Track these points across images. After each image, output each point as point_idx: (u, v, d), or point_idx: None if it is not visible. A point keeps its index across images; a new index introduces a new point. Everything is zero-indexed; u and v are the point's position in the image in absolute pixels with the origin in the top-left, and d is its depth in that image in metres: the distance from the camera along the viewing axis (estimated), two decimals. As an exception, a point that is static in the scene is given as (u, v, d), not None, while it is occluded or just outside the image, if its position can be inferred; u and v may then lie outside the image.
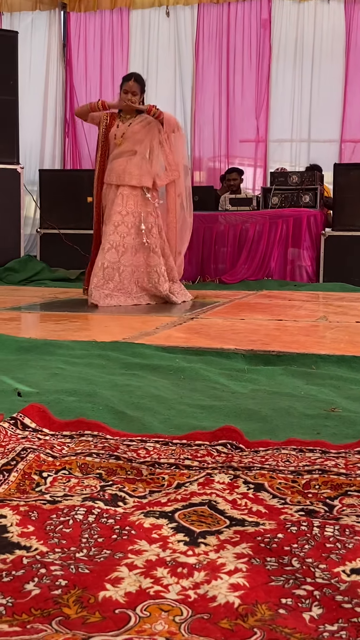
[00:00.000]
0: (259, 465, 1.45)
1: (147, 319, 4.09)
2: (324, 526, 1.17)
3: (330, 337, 3.45)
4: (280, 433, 1.78)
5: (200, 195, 7.35)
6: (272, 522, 1.19)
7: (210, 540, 1.11)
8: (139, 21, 9.44)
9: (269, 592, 0.95)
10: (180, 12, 9.30)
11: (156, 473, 1.43)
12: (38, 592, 0.94)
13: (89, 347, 2.93)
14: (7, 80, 6.83)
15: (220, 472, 1.42)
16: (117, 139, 4.95)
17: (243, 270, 6.99)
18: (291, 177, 7.19)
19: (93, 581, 0.97)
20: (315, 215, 6.99)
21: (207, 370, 2.53)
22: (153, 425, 1.84)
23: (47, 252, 7.42)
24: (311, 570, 1.02)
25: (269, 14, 8.99)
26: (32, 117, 9.52)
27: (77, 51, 9.73)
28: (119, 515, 1.21)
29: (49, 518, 1.19)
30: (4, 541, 1.10)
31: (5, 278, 6.65)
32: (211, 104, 9.23)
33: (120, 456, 1.51)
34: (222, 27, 9.14)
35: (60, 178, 7.85)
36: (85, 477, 1.40)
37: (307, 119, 8.99)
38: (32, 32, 9.58)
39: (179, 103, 9.34)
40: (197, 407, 2.04)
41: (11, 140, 6.91)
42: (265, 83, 9.04)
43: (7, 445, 1.55)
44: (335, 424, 1.87)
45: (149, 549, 1.08)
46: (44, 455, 1.50)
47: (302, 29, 8.92)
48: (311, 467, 1.43)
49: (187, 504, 1.26)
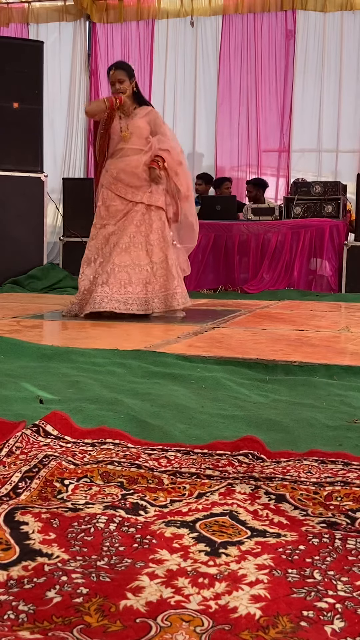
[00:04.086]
0: (281, 476, 1.44)
1: (168, 328, 4.10)
2: (346, 539, 1.16)
3: (352, 348, 3.43)
4: (301, 444, 1.77)
5: (222, 205, 7.37)
6: (294, 534, 1.18)
7: (232, 550, 1.11)
8: (164, 32, 9.50)
9: (291, 604, 0.95)
10: (205, 23, 9.34)
11: (177, 482, 1.43)
12: (59, 599, 0.94)
13: (111, 355, 2.94)
14: (33, 90, 6.89)
15: (241, 482, 1.41)
16: (123, 132, 4.61)
17: (265, 280, 6.98)
18: (314, 187, 7.18)
19: (114, 590, 0.97)
20: (338, 226, 6.97)
21: (228, 380, 2.52)
22: (174, 434, 1.84)
23: (70, 260, 7.45)
24: (333, 582, 1.01)
25: (294, 25, 9.00)
26: (59, 126, 9.62)
27: (102, 61, 9.80)
28: (140, 524, 1.21)
29: (71, 526, 1.19)
30: (26, 548, 1.10)
31: (28, 285, 6.69)
32: (235, 113, 9.25)
33: (142, 465, 1.51)
34: (246, 38, 9.16)
35: (84, 186, 7.89)
36: (106, 485, 1.41)
37: (332, 129, 8.97)
38: (60, 42, 9.70)
39: (202, 113, 9.37)
40: (219, 417, 2.03)
41: (35, 149, 6.97)
42: (289, 93, 9.04)
43: (29, 453, 1.56)
44: (357, 435, 1.85)
45: (170, 559, 1.08)
46: (65, 462, 1.50)
47: (326, 39, 8.92)
48: (333, 478, 1.43)
49: (208, 514, 1.25)
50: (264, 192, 8.21)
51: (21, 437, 1.64)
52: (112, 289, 4.42)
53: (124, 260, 4.51)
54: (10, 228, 6.82)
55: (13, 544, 1.11)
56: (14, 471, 1.43)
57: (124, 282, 4.47)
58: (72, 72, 9.81)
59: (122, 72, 4.69)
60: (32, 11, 9.76)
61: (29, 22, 9.77)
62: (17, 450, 1.58)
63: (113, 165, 4.66)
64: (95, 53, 9.84)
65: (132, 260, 4.52)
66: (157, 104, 9.38)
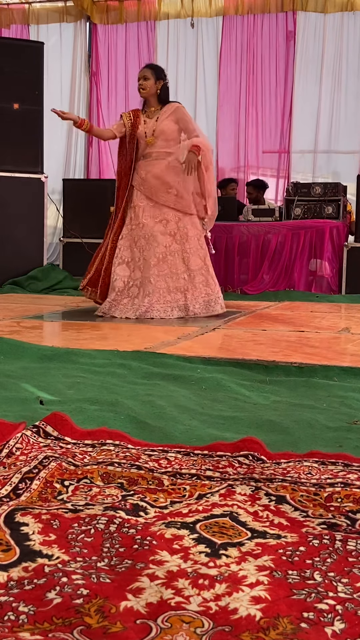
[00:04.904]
0: (281, 477, 1.44)
1: (168, 329, 4.10)
2: (346, 540, 1.16)
3: (352, 349, 3.43)
4: (302, 445, 1.77)
5: (223, 206, 7.36)
6: (294, 535, 1.18)
7: (232, 552, 1.11)
8: (164, 33, 9.50)
9: (291, 605, 0.95)
10: (205, 24, 9.34)
11: (177, 483, 1.43)
12: (60, 600, 0.94)
13: (111, 356, 2.94)
14: (33, 90, 6.89)
15: (241, 483, 1.41)
16: (148, 137, 4.70)
17: (265, 281, 6.97)
18: (314, 189, 7.18)
19: (114, 591, 0.97)
20: (338, 227, 6.97)
21: (228, 381, 2.52)
22: (174, 435, 1.84)
23: (70, 261, 7.46)
24: (333, 584, 1.01)
25: (294, 26, 9.00)
26: (59, 126, 9.60)
27: (102, 62, 9.80)
28: (140, 525, 1.21)
29: (71, 527, 1.19)
30: (26, 549, 1.10)
31: (28, 286, 6.69)
32: (235, 114, 9.25)
33: (142, 466, 1.51)
34: (247, 39, 9.16)
35: (84, 187, 7.90)
36: (106, 487, 1.41)
37: (332, 130, 8.97)
38: (60, 43, 9.70)
39: (202, 114, 9.37)
40: (219, 418, 2.03)
41: (35, 149, 6.97)
42: (290, 94, 9.04)
43: (29, 454, 1.56)
44: (357, 436, 1.86)
45: (170, 560, 1.08)
46: (65, 463, 1.50)
47: (327, 41, 8.92)
48: (333, 480, 1.43)
49: (209, 515, 1.25)
50: (264, 194, 8.21)
51: (21, 438, 1.64)
52: (153, 298, 4.65)
53: (162, 270, 4.69)
54: (11, 229, 6.82)
55: (13, 545, 1.11)
56: (14, 472, 1.43)
57: (163, 291, 4.69)
58: (72, 73, 9.82)
59: (148, 71, 4.78)
60: (33, 12, 9.76)
61: (30, 23, 9.78)
62: (17, 451, 1.58)
63: (142, 168, 4.78)
64: (95, 54, 9.85)
65: (170, 269, 4.71)
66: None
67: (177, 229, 4.73)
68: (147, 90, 4.74)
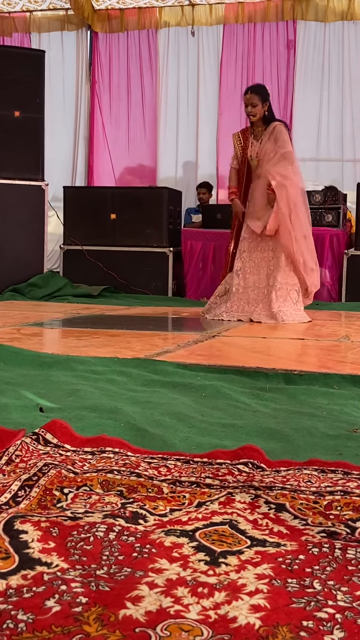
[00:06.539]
0: (280, 485, 1.44)
1: (168, 337, 4.10)
2: (346, 548, 1.16)
3: (352, 357, 3.43)
4: (301, 453, 1.77)
5: (223, 214, 7.37)
6: (294, 543, 1.18)
7: (231, 560, 1.11)
8: (165, 41, 9.54)
9: (290, 614, 0.94)
10: (205, 33, 9.38)
11: (177, 491, 1.43)
12: (59, 609, 0.94)
13: (111, 363, 2.94)
14: (34, 98, 6.91)
15: (241, 491, 1.41)
16: (252, 160, 4.91)
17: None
18: (314, 196, 7.19)
19: (113, 599, 0.97)
20: (338, 235, 6.98)
21: (228, 389, 2.52)
22: (174, 443, 1.84)
23: (70, 268, 7.47)
24: (333, 592, 1.01)
25: (294, 35, 9.03)
26: (61, 134, 9.64)
27: (104, 71, 9.83)
28: (140, 533, 1.20)
29: (70, 535, 1.19)
30: (25, 557, 1.10)
31: (28, 293, 6.70)
32: (236, 122, 9.26)
33: (142, 474, 1.51)
34: (247, 48, 9.20)
35: (84, 195, 7.91)
36: (106, 494, 1.40)
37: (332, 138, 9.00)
38: (62, 52, 9.75)
39: (203, 121, 9.40)
40: (219, 426, 2.03)
41: (36, 157, 6.99)
42: (290, 103, 9.07)
43: (29, 461, 1.56)
44: (357, 444, 1.85)
45: (169, 568, 1.07)
46: (65, 471, 1.50)
47: (327, 49, 8.95)
48: (333, 488, 1.42)
49: (208, 523, 1.25)
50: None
51: (21, 445, 1.64)
52: (232, 306, 5.07)
53: (249, 282, 5.07)
54: (11, 236, 6.83)
55: (12, 553, 1.11)
56: (13, 479, 1.43)
57: (243, 302, 5.06)
58: (75, 82, 9.85)
59: (255, 97, 4.87)
60: (34, 21, 9.80)
61: (31, 31, 9.81)
62: (16, 458, 1.58)
63: (250, 188, 5.05)
64: (97, 63, 9.88)
65: (254, 282, 5.06)
66: (159, 113, 9.44)
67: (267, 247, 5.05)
68: (256, 117, 4.88)
